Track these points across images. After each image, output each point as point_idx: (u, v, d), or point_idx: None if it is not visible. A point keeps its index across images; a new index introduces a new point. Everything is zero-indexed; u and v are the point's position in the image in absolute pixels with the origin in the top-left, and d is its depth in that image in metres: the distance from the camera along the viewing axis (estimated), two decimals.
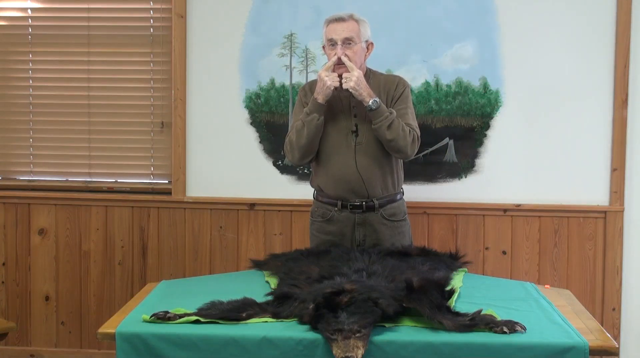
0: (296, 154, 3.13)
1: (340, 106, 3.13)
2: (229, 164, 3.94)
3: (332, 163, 3.13)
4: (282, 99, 3.88)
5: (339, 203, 3.14)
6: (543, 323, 2.42)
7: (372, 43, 3.18)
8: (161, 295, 2.77)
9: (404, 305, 2.35)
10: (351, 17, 3.10)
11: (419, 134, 3.13)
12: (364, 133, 3.10)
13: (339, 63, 3.07)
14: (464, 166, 3.83)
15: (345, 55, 3.05)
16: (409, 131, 3.06)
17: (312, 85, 3.18)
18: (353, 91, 3.00)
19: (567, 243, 3.82)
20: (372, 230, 3.14)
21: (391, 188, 3.17)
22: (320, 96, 3.03)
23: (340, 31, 3.06)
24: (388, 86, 3.17)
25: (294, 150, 3.13)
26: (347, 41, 3.06)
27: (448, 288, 2.53)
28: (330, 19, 3.11)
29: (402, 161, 3.23)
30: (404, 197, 3.26)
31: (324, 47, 3.17)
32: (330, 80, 3.01)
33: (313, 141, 3.09)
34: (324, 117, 3.06)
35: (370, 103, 3.00)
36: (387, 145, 3.06)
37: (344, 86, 3.01)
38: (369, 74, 3.19)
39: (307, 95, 3.14)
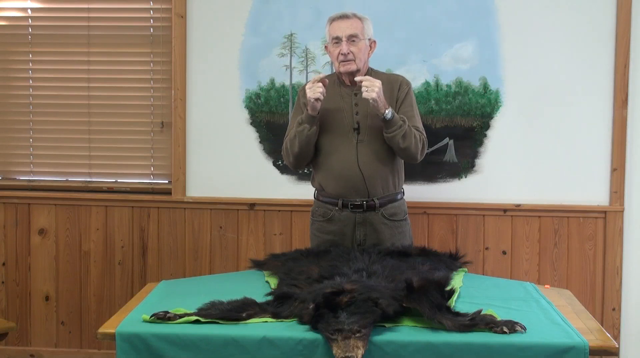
0: (291, 161, 3.17)
1: (342, 103, 3.13)
2: (229, 164, 3.94)
3: (334, 161, 3.13)
4: (282, 99, 3.88)
5: (340, 202, 3.14)
6: (543, 323, 2.42)
7: (374, 41, 3.18)
8: (161, 295, 2.77)
9: (404, 305, 2.35)
10: (354, 15, 3.11)
11: (425, 136, 3.14)
12: (366, 130, 3.11)
13: (344, 59, 3.07)
14: (464, 166, 3.83)
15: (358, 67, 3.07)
16: (419, 137, 3.08)
17: None
18: (372, 101, 2.97)
19: (567, 243, 3.82)
20: (372, 230, 3.14)
21: (392, 187, 3.17)
22: (308, 108, 3.04)
23: (344, 28, 3.07)
24: (391, 86, 3.17)
25: (289, 156, 3.16)
26: (352, 38, 3.07)
27: (448, 288, 2.53)
28: (334, 17, 3.12)
29: (403, 160, 3.23)
30: (404, 197, 3.26)
31: (326, 46, 3.18)
32: (310, 92, 2.99)
33: (306, 150, 3.10)
34: (322, 117, 3.07)
35: (386, 114, 2.98)
36: (399, 152, 3.08)
37: (365, 96, 2.97)
38: (371, 73, 3.19)
39: (306, 96, 3.14)
